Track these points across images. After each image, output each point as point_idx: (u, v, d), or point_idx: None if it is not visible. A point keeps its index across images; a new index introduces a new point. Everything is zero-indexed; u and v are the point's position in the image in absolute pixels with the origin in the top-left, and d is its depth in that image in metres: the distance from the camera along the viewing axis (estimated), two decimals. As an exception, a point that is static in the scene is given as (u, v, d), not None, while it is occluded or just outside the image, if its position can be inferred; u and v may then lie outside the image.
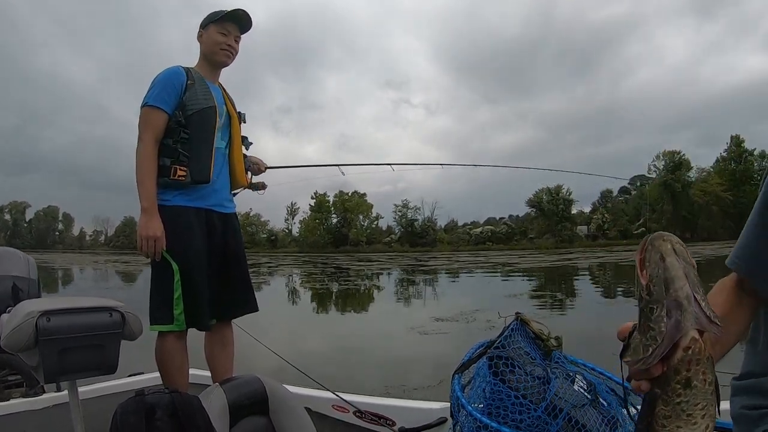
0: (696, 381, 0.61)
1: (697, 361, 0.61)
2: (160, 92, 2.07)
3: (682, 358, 0.61)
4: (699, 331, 0.60)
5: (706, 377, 0.62)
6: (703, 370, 0.61)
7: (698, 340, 0.60)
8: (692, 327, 0.60)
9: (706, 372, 0.62)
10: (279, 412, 1.54)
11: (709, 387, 0.62)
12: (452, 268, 28.41)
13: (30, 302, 1.62)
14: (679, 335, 0.60)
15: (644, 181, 64.25)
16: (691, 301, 0.60)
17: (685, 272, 0.62)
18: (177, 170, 2.04)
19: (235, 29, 2.25)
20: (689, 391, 0.62)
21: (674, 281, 0.61)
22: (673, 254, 0.63)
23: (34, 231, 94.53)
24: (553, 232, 65.59)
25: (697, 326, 0.60)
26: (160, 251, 2.02)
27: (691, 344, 0.60)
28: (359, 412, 2.22)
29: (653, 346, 0.61)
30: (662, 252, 0.63)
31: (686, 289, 0.61)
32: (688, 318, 0.60)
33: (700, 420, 0.62)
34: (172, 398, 1.29)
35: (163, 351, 2.05)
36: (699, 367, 0.61)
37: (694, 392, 0.62)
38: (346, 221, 74.64)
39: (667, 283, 0.61)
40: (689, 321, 0.60)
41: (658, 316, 0.61)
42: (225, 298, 2.19)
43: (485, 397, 1.38)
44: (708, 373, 0.62)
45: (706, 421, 0.63)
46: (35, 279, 2.98)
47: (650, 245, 0.65)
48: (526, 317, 1.59)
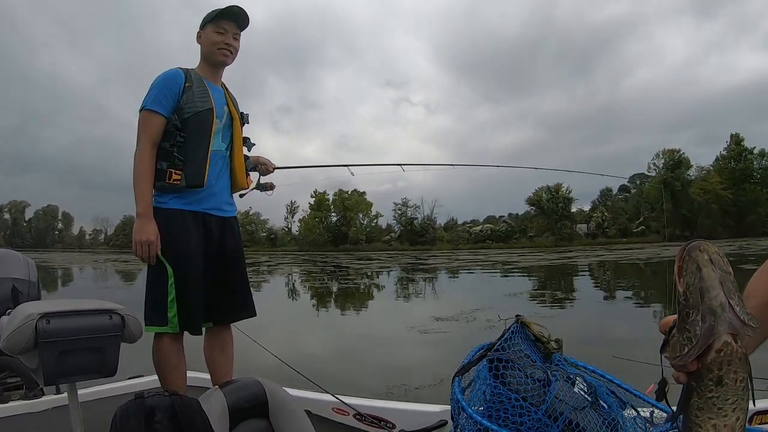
0: (727, 379, 0.67)
1: (729, 362, 0.66)
2: (157, 95, 2.07)
3: (714, 359, 0.66)
4: (735, 336, 0.66)
5: (738, 376, 0.67)
6: (735, 370, 0.66)
7: (730, 343, 0.65)
8: (725, 332, 0.65)
9: (738, 371, 0.66)
10: (279, 415, 1.53)
11: (741, 383, 0.67)
12: (452, 267, 28.42)
13: (30, 304, 1.61)
14: (712, 339, 0.65)
15: (644, 179, 64.30)
16: (725, 308, 0.65)
17: (720, 280, 0.67)
18: (172, 174, 2.05)
19: (232, 27, 2.23)
20: (720, 388, 0.67)
21: (709, 291, 0.66)
22: (710, 264, 0.68)
23: (33, 230, 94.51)
24: (553, 231, 65.63)
25: (731, 330, 0.65)
26: (154, 255, 2.03)
27: (723, 347, 0.65)
28: (359, 415, 2.22)
29: (688, 346, 0.67)
30: (699, 262, 0.68)
31: (720, 297, 0.66)
32: (721, 324, 0.65)
33: (731, 413, 0.67)
34: (172, 401, 1.29)
35: (159, 352, 2.05)
36: (731, 366, 0.66)
37: (725, 389, 0.67)
38: (346, 220, 74.65)
39: (702, 292, 0.67)
40: (722, 326, 0.65)
41: (694, 320, 0.67)
42: (223, 301, 2.19)
43: (485, 399, 1.37)
44: (740, 372, 0.67)
45: (737, 414, 0.68)
46: (35, 281, 2.98)
47: (688, 255, 0.70)
48: (527, 320, 1.59)
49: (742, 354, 0.66)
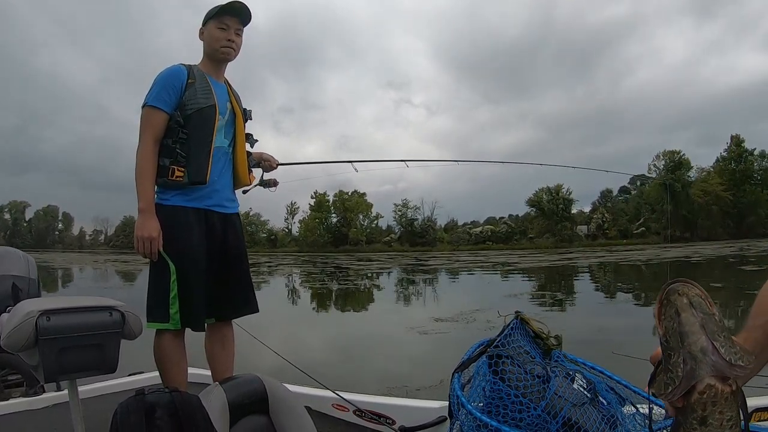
0: (711, 419, 0.66)
1: (713, 403, 0.65)
2: (159, 92, 2.07)
3: (697, 400, 0.66)
4: (720, 378, 0.65)
5: (723, 416, 0.66)
6: (720, 410, 0.65)
7: (714, 385, 0.65)
8: (708, 374, 0.64)
9: (724, 411, 0.65)
10: (279, 411, 1.54)
11: (728, 423, 0.66)
12: (452, 268, 28.41)
13: (30, 302, 1.62)
14: (694, 381, 0.65)
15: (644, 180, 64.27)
16: (707, 353, 0.64)
17: (702, 324, 0.65)
18: (175, 171, 2.04)
19: (234, 22, 2.22)
20: (705, 428, 0.66)
21: (688, 336, 0.65)
22: (689, 308, 0.67)
23: (33, 230, 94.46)
24: (553, 232, 65.58)
25: (714, 373, 0.64)
26: (156, 252, 2.02)
27: (706, 389, 0.65)
28: (359, 411, 2.22)
29: (672, 386, 0.66)
30: (678, 307, 0.67)
31: (701, 342, 0.65)
32: (702, 368, 0.64)
33: None
34: (172, 397, 1.29)
35: (160, 349, 2.05)
36: (715, 407, 0.65)
37: (710, 429, 0.66)
38: (346, 221, 74.59)
39: (681, 337, 0.66)
40: (704, 370, 0.64)
41: (675, 362, 0.66)
42: (225, 298, 2.19)
43: (485, 395, 1.38)
44: (726, 411, 0.66)
45: None
46: (35, 278, 2.98)
47: (666, 299, 0.69)
48: (526, 316, 1.59)
49: (729, 393, 0.65)
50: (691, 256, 28.36)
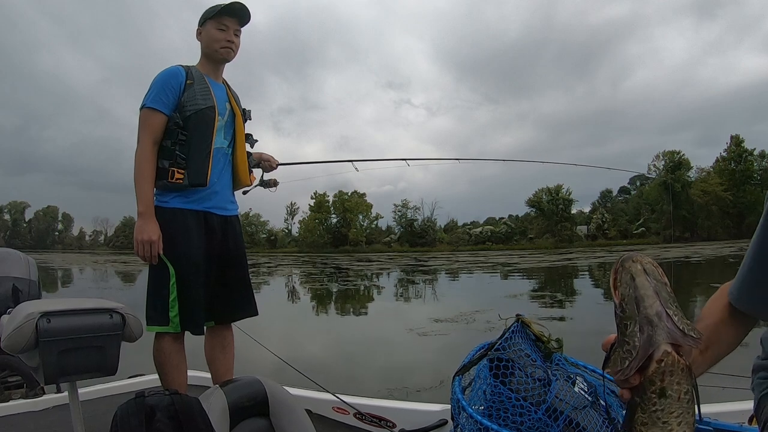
0: (670, 391, 0.65)
1: (671, 372, 0.65)
2: (157, 93, 2.05)
3: (656, 370, 0.65)
4: (674, 344, 0.65)
5: (681, 387, 0.65)
6: (678, 381, 0.65)
7: (671, 353, 0.65)
8: (664, 341, 0.64)
9: (681, 382, 0.65)
10: (279, 413, 1.53)
11: (685, 396, 0.66)
12: (452, 268, 28.39)
13: (30, 303, 1.61)
14: (652, 349, 0.65)
15: (644, 181, 64.29)
16: (662, 317, 0.65)
17: (655, 290, 0.66)
18: (175, 173, 2.03)
19: (233, 23, 2.20)
20: (664, 401, 0.65)
21: (644, 299, 0.66)
22: (643, 274, 0.67)
23: (33, 231, 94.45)
24: (553, 232, 65.55)
25: (670, 340, 0.65)
26: (156, 255, 2.02)
27: (663, 357, 0.65)
28: (359, 414, 2.22)
29: (629, 359, 0.65)
30: (632, 272, 0.67)
31: (656, 306, 0.65)
32: (659, 333, 0.64)
33: (676, 427, 0.65)
34: (172, 400, 1.29)
35: (160, 352, 2.05)
36: (673, 378, 0.65)
37: (669, 401, 0.65)
38: (346, 221, 74.59)
39: (637, 301, 0.66)
40: (660, 336, 0.64)
41: (632, 332, 0.66)
42: (224, 301, 2.18)
43: (486, 399, 1.37)
44: (683, 383, 0.65)
45: (683, 428, 0.66)
46: (35, 280, 2.98)
47: (621, 266, 0.69)
48: (527, 319, 1.59)
49: (684, 365, 0.66)
50: (691, 257, 28.36)
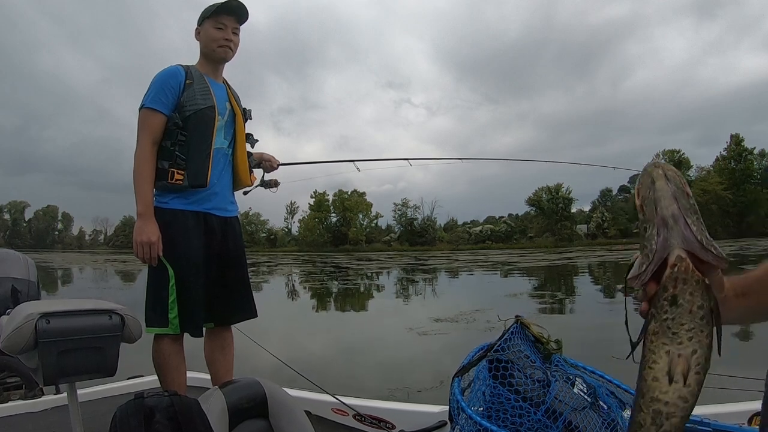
0: (682, 300, 0.65)
1: (684, 281, 0.64)
2: (157, 93, 2.04)
3: (669, 275, 0.65)
4: (692, 255, 0.64)
5: (694, 299, 0.64)
6: (691, 291, 0.64)
7: (685, 259, 0.64)
8: (678, 245, 0.64)
9: (694, 294, 0.64)
10: (278, 415, 1.53)
11: (698, 311, 0.65)
12: (452, 267, 28.40)
13: (29, 304, 1.61)
14: (667, 252, 0.65)
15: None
16: (679, 221, 0.64)
17: (674, 195, 0.66)
18: (174, 174, 2.02)
19: (231, 21, 2.18)
20: (675, 309, 0.65)
21: (661, 201, 0.66)
22: (664, 179, 0.67)
23: (33, 230, 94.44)
24: (553, 231, 65.59)
25: (685, 246, 0.64)
26: (155, 256, 2.01)
27: (677, 262, 0.64)
28: (359, 416, 2.22)
29: (646, 263, 0.66)
30: (653, 177, 0.68)
31: (672, 208, 0.65)
32: (674, 236, 0.64)
33: (687, 342, 0.64)
34: (172, 401, 1.29)
35: (159, 353, 2.04)
36: (686, 286, 0.64)
37: (680, 311, 0.65)
38: (346, 220, 74.62)
39: (655, 203, 0.66)
40: (675, 239, 0.64)
41: (650, 235, 0.66)
42: (223, 302, 2.17)
43: (485, 400, 1.37)
44: (696, 295, 0.64)
45: (694, 346, 0.64)
46: (35, 281, 2.98)
47: (644, 171, 0.69)
48: (526, 320, 1.59)
49: (699, 278, 0.64)
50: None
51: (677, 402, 0.64)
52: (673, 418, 0.65)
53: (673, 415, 0.65)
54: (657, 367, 0.66)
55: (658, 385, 0.66)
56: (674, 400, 0.65)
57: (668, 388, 0.65)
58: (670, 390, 0.65)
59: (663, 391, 0.65)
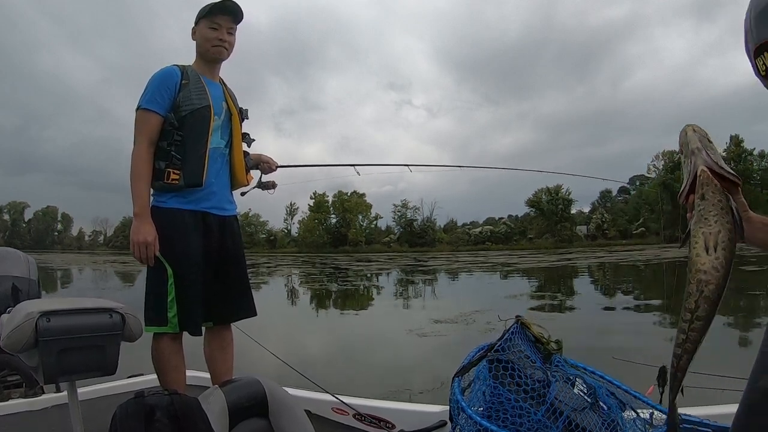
0: (707, 195, 0.94)
1: (707, 184, 0.94)
2: (153, 94, 2.04)
3: (698, 183, 0.95)
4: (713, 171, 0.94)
5: (716, 196, 0.93)
6: (712, 190, 0.94)
7: (706, 171, 0.95)
8: (702, 164, 0.96)
9: (715, 192, 0.93)
10: (278, 414, 1.53)
11: (719, 203, 0.93)
12: (451, 269, 28.39)
13: (30, 303, 1.61)
14: (695, 170, 0.96)
15: (644, 181, 64.29)
16: (701, 152, 0.97)
17: (699, 138, 1.00)
18: (170, 174, 2.02)
19: (226, 21, 2.18)
20: (703, 202, 0.94)
21: (689, 141, 1.01)
22: (692, 131, 1.02)
23: (32, 231, 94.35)
24: (553, 232, 65.58)
25: (707, 165, 0.95)
26: (152, 256, 2.01)
27: (701, 174, 0.95)
28: (359, 415, 2.22)
29: (685, 181, 0.99)
30: (686, 131, 1.04)
31: (696, 143, 0.99)
32: (699, 160, 0.97)
33: (714, 223, 0.92)
34: (172, 400, 1.29)
35: (158, 352, 2.04)
36: (708, 187, 0.94)
37: (707, 202, 0.94)
38: (345, 221, 74.55)
39: (687, 144, 1.01)
40: (699, 161, 0.97)
41: (685, 164, 1.01)
42: (222, 301, 2.17)
43: (485, 400, 1.38)
44: (716, 193, 0.93)
45: (718, 227, 0.92)
46: (35, 279, 2.97)
47: (682, 130, 1.04)
48: (527, 321, 1.59)
49: (716, 184, 0.94)
50: (691, 258, 28.25)
51: (711, 271, 0.91)
52: (710, 285, 0.91)
53: (710, 282, 0.91)
54: (698, 245, 0.93)
55: (699, 259, 0.92)
56: (709, 269, 0.91)
57: (705, 259, 0.92)
58: (707, 261, 0.91)
59: (702, 262, 0.92)
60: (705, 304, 0.91)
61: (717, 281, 0.90)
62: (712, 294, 0.91)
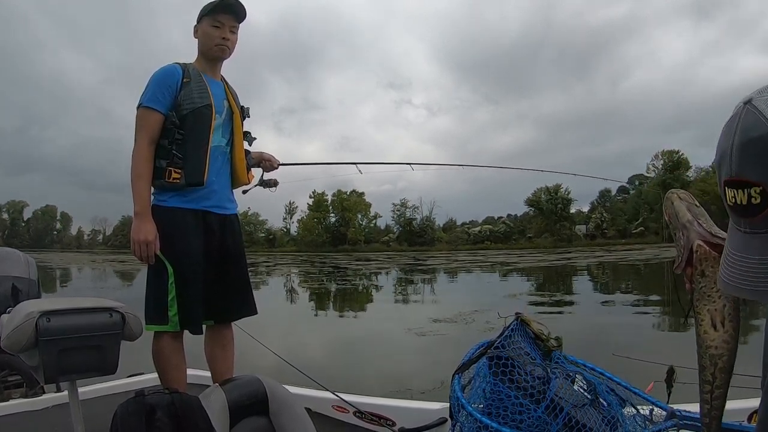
0: (707, 271, 0.92)
1: (705, 259, 0.93)
2: (154, 92, 2.04)
3: (696, 258, 0.94)
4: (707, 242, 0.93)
5: (715, 269, 0.89)
6: (711, 265, 0.92)
7: (702, 245, 0.93)
8: (697, 238, 0.94)
9: (715, 266, 0.90)
10: (279, 412, 1.54)
11: None
12: (450, 268, 28.40)
13: (30, 303, 1.61)
14: (690, 244, 0.94)
15: (643, 180, 64.33)
16: (693, 224, 0.96)
17: (688, 208, 0.97)
18: (172, 173, 2.02)
19: (229, 19, 2.17)
20: (704, 279, 0.93)
21: (679, 213, 0.98)
22: (678, 199, 1.00)
23: (31, 230, 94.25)
24: (552, 232, 65.58)
25: (701, 238, 0.94)
26: (152, 255, 2.01)
27: (698, 248, 0.93)
28: (359, 413, 2.22)
29: (680, 255, 0.97)
30: (671, 199, 1.01)
31: (687, 216, 0.97)
32: (692, 233, 0.95)
33: (717, 300, 0.92)
34: (172, 399, 1.29)
35: (159, 351, 2.04)
36: (707, 262, 0.92)
37: (708, 279, 0.92)
38: (345, 220, 74.51)
39: (677, 215, 0.98)
40: (693, 235, 0.95)
41: (678, 237, 0.98)
42: (223, 300, 2.17)
43: (485, 397, 1.38)
44: (716, 267, 0.89)
45: (723, 301, 0.91)
46: (35, 279, 2.97)
47: (666, 199, 1.02)
48: (527, 317, 1.59)
49: (715, 255, 0.91)
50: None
51: (722, 345, 0.91)
52: (723, 357, 0.92)
53: (722, 355, 0.92)
54: (704, 322, 0.93)
55: (707, 336, 0.93)
56: (719, 343, 0.92)
57: (714, 335, 0.92)
58: (716, 337, 0.92)
59: (711, 338, 0.92)
60: (721, 374, 0.92)
61: (729, 352, 0.92)
62: (726, 364, 0.92)
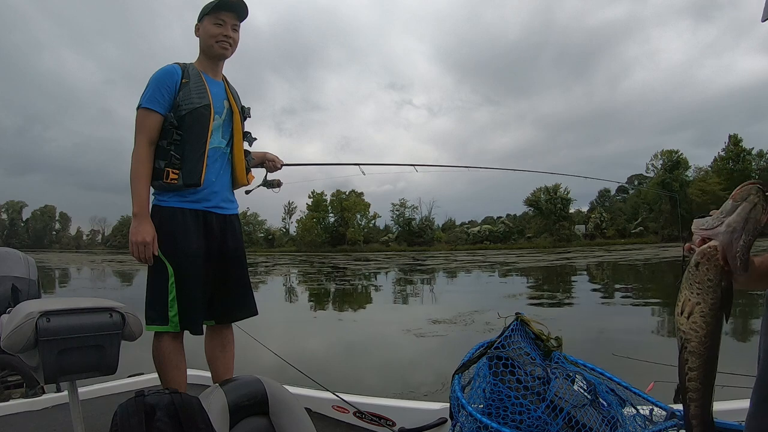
0: (702, 268, 0.91)
1: (708, 258, 0.90)
2: (153, 93, 2.03)
3: (701, 249, 0.91)
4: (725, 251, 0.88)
5: (709, 273, 0.90)
6: (708, 267, 0.90)
7: (716, 248, 0.89)
8: (719, 241, 0.89)
9: (710, 270, 0.90)
10: (279, 412, 1.53)
11: (708, 282, 0.91)
12: (450, 268, 28.39)
13: (30, 303, 1.61)
14: (713, 235, 0.90)
15: (642, 180, 64.32)
16: (735, 233, 0.88)
17: (746, 220, 0.87)
18: (169, 173, 2.01)
19: (231, 18, 2.16)
20: (696, 271, 0.92)
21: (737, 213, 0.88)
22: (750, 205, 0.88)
23: (30, 230, 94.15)
24: (551, 232, 65.52)
25: (722, 245, 0.89)
26: (151, 256, 2.00)
27: (709, 247, 0.90)
28: (359, 413, 2.22)
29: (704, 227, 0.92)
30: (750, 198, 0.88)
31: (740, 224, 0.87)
32: (724, 236, 0.89)
33: (695, 295, 0.92)
34: (172, 399, 1.29)
35: (159, 351, 2.04)
36: (708, 263, 0.90)
37: (697, 273, 0.92)
38: (344, 220, 74.42)
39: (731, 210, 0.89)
40: (720, 237, 0.89)
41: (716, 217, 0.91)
42: (223, 300, 2.17)
43: (485, 397, 1.38)
44: (711, 271, 0.90)
45: (698, 299, 0.92)
46: (35, 279, 2.97)
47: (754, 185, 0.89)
48: (527, 318, 1.59)
49: (720, 265, 0.89)
50: (689, 256, 28.28)
51: (689, 331, 0.93)
52: (691, 342, 0.93)
53: (690, 339, 0.93)
54: (678, 305, 0.95)
55: (678, 318, 0.95)
56: (686, 329, 0.93)
57: (682, 320, 0.94)
58: (684, 322, 0.94)
59: (680, 322, 0.94)
60: (692, 357, 0.94)
61: (698, 339, 0.92)
62: (696, 349, 0.93)
